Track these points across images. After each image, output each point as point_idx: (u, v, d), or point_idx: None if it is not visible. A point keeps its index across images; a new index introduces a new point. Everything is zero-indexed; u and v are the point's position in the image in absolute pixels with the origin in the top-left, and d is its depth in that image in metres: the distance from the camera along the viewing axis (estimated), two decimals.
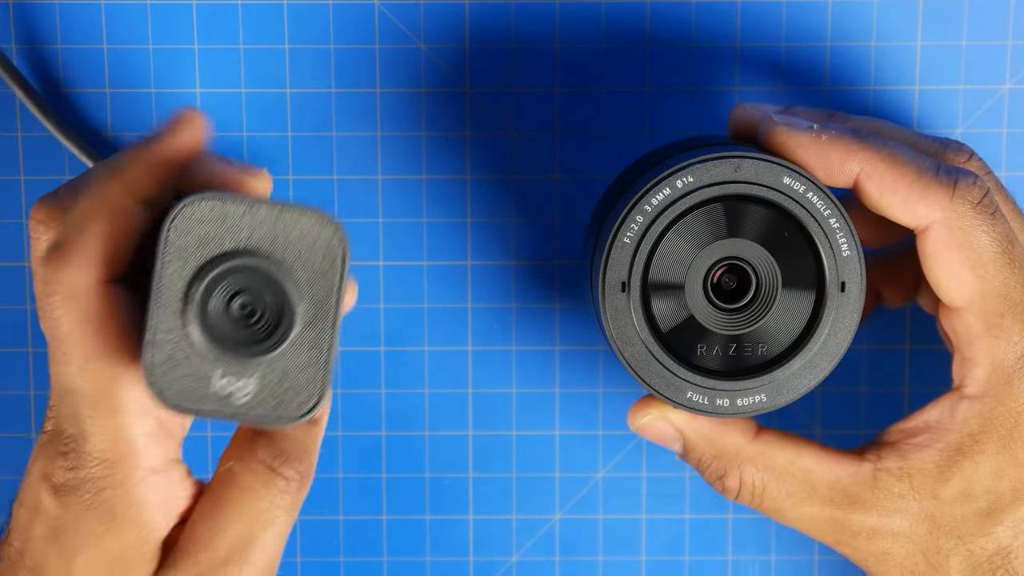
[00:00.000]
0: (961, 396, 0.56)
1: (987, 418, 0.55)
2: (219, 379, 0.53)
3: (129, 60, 0.64)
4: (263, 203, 0.51)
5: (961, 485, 0.55)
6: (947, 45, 0.64)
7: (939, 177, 0.54)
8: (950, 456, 0.55)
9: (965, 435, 0.55)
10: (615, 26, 0.64)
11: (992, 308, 0.54)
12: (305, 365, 0.52)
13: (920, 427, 0.56)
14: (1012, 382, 0.55)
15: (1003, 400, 0.55)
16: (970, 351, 0.55)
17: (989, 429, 0.55)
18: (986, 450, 0.55)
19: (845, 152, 0.55)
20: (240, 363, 0.52)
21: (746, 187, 0.54)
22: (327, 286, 0.52)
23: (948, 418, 0.56)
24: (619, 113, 0.65)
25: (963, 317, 0.55)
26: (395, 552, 0.68)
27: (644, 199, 0.54)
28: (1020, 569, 0.56)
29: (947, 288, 0.55)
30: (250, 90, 0.65)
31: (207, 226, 0.51)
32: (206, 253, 0.51)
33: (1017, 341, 0.55)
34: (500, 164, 0.65)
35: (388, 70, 0.65)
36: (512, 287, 0.66)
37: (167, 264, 0.51)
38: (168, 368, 0.52)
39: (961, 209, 0.54)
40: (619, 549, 0.68)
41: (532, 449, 0.67)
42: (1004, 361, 0.55)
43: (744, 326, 0.55)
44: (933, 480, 0.56)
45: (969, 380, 0.55)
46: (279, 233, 0.52)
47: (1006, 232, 0.55)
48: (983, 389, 0.55)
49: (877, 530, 0.56)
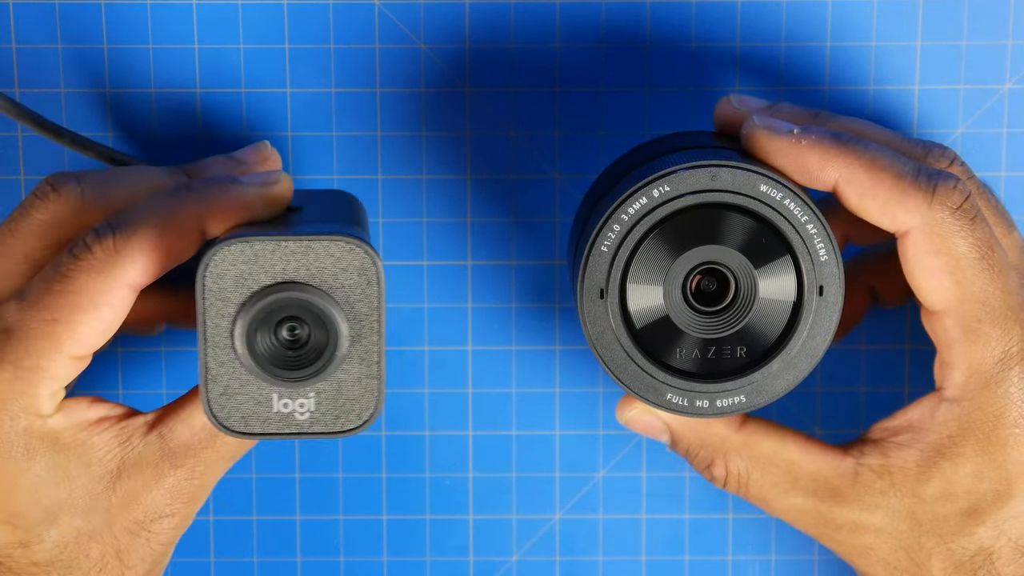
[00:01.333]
0: (941, 398, 0.56)
1: (965, 421, 0.55)
2: (278, 401, 0.55)
3: (129, 60, 0.64)
4: (291, 238, 0.53)
5: (942, 485, 0.56)
6: (947, 45, 0.64)
7: (918, 182, 0.54)
8: (930, 456, 0.56)
9: (944, 437, 0.56)
10: (615, 26, 0.64)
11: (970, 313, 0.55)
12: (358, 378, 0.55)
13: (903, 426, 0.57)
14: (990, 386, 0.55)
15: (981, 404, 0.55)
16: (949, 355, 0.56)
17: (967, 432, 0.55)
18: (965, 452, 0.55)
19: (824, 157, 0.55)
20: (295, 386, 0.54)
21: (723, 195, 0.55)
22: (368, 303, 0.54)
23: (929, 419, 0.56)
24: (619, 113, 0.65)
25: (942, 321, 0.55)
26: (395, 552, 0.68)
27: (621, 208, 0.55)
28: (1003, 570, 0.56)
29: (926, 292, 0.55)
30: (250, 90, 0.65)
31: (241, 266, 0.53)
32: (244, 291, 0.53)
33: (995, 346, 0.55)
34: (500, 164, 0.65)
35: (388, 70, 0.65)
36: (512, 287, 0.66)
37: (208, 308, 0.53)
38: (227, 399, 0.54)
39: (940, 215, 0.54)
40: (619, 549, 0.68)
41: (532, 449, 0.67)
42: (982, 365, 0.55)
43: (722, 329, 0.56)
44: (914, 479, 0.56)
45: (948, 383, 0.56)
46: (312, 262, 0.54)
47: (986, 237, 0.55)
48: (961, 393, 0.55)
49: (859, 524, 0.57)
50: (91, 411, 0.56)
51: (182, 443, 0.57)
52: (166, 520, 0.57)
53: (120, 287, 0.55)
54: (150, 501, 0.56)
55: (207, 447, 0.57)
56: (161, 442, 0.57)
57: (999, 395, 0.55)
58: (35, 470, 0.55)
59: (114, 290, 0.54)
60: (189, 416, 0.57)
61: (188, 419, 0.57)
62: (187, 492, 0.57)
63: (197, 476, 0.57)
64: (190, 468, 0.57)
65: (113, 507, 0.56)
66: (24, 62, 0.64)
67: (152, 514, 0.57)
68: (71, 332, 0.54)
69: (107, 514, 0.56)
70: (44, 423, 0.55)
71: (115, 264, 0.54)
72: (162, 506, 0.57)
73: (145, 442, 0.56)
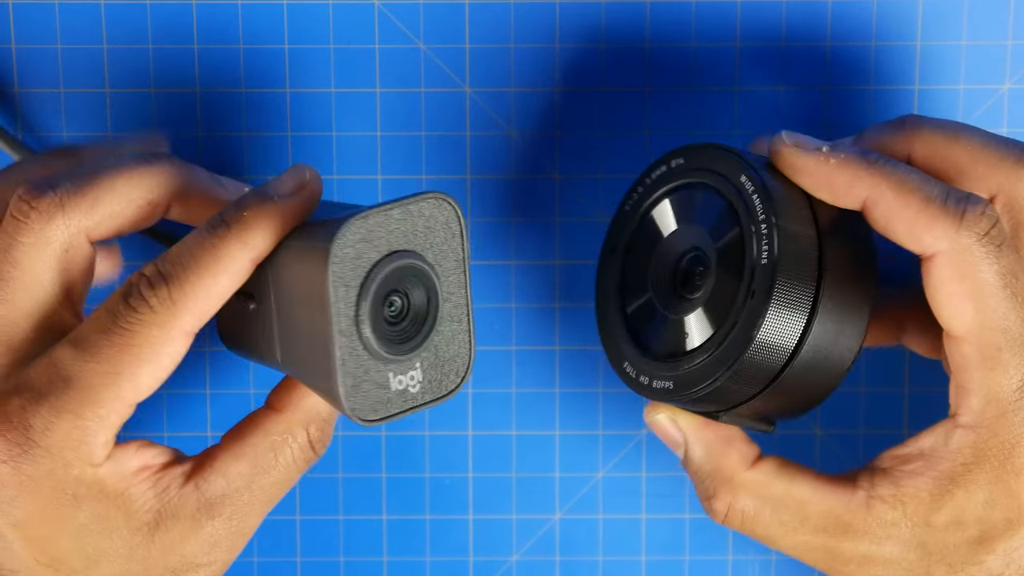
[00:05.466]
0: (956, 424, 0.56)
1: (981, 448, 0.55)
2: (393, 380, 0.55)
3: (129, 60, 0.64)
4: (393, 205, 0.54)
5: (953, 513, 0.55)
6: (947, 45, 0.64)
7: (947, 206, 0.54)
8: (943, 484, 0.55)
9: (958, 464, 0.55)
10: (615, 26, 0.64)
11: (990, 341, 0.54)
12: (452, 337, 0.55)
13: (914, 454, 0.56)
14: (1007, 414, 0.55)
15: (996, 432, 0.55)
16: (966, 380, 0.55)
17: (982, 459, 0.55)
18: (979, 480, 0.55)
19: (852, 177, 0.55)
20: (406, 359, 0.55)
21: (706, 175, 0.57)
22: (453, 258, 0.55)
23: (943, 446, 0.56)
24: (619, 113, 0.65)
25: (961, 346, 0.55)
26: (395, 552, 0.68)
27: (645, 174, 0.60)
28: None
29: (947, 317, 0.55)
30: (250, 90, 0.65)
31: (356, 247, 0.53)
32: (360, 272, 0.53)
33: (1013, 375, 0.54)
34: (500, 164, 0.65)
35: (388, 70, 0.65)
36: (512, 287, 0.66)
37: (337, 299, 0.53)
38: (356, 390, 0.54)
39: (966, 241, 0.54)
40: (619, 549, 0.68)
41: (532, 449, 0.67)
42: (1000, 393, 0.55)
43: (680, 312, 0.57)
44: (926, 507, 0.56)
45: (964, 409, 0.55)
46: (408, 227, 0.54)
47: (1011, 264, 0.54)
48: (978, 420, 0.55)
49: (868, 557, 0.56)
50: (135, 458, 0.56)
51: (218, 493, 0.57)
52: (203, 569, 0.57)
53: (180, 336, 0.54)
54: (188, 551, 0.56)
55: (243, 495, 0.57)
56: (197, 493, 0.56)
57: (1016, 423, 0.54)
58: (81, 518, 0.55)
59: (175, 340, 0.54)
60: (224, 465, 0.57)
61: (223, 468, 0.57)
62: (226, 541, 0.57)
63: (235, 524, 0.57)
64: (227, 517, 0.57)
65: (151, 557, 0.56)
66: (24, 62, 0.64)
67: (190, 563, 0.56)
68: (133, 383, 0.54)
69: (145, 563, 0.56)
70: (95, 472, 0.55)
71: (174, 316, 0.54)
72: (200, 556, 0.56)
73: (181, 494, 0.56)
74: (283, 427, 0.58)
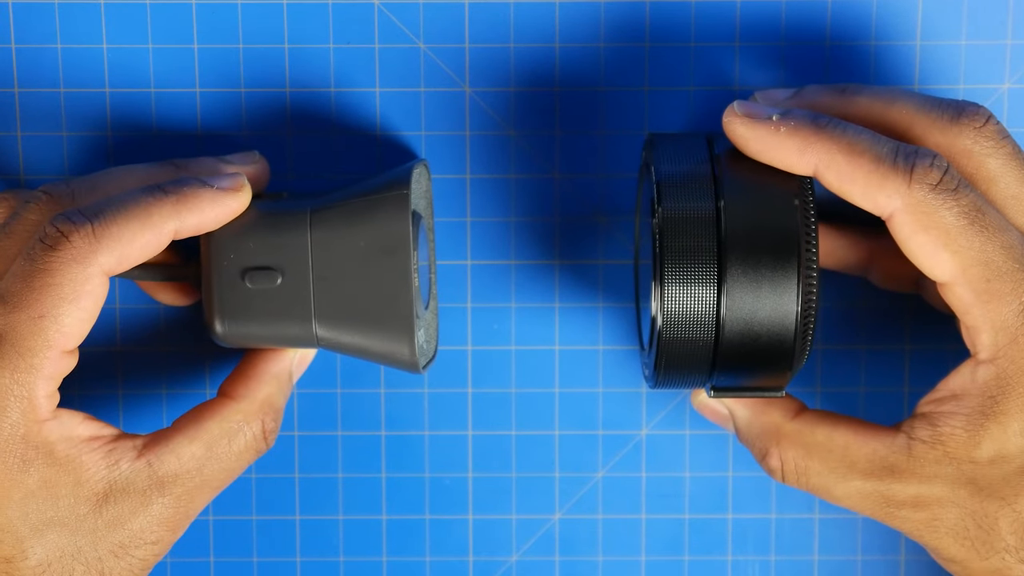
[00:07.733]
0: (977, 361, 0.56)
1: (1003, 378, 0.56)
2: (421, 337, 0.59)
3: (129, 60, 0.64)
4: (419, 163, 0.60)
5: (994, 447, 0.56)
6: (947, 45, 0.64)
7: (896, 164, 0.55)
8: (976, 420, 0.56)
9: (986, 398, 0.56)
10: (615, 26, 0.64)
11: (976, 276, 0.55)
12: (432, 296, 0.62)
13: (946, 396, 0.57)
14: (1018, 339, 0.55)
15: (1014, 359, 0.55)
16: (970, 319, 0.56)
17: (1007, 389, 0.56)
18: (1009, 410, 0.56)
19: (802, 144, 0.55)
20: (424, 314, 0.59)
21: None
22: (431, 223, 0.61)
23: (970, 383, 0.57)
24: (619, 113, 0.65)
25: (953, 290, 0.56)
26: (395, 552, 0.68)
27: None
28: None
29: (929, 268, 0.56)
30: (250, 90, 0.65)
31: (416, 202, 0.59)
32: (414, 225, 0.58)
33: (1011, 301, 0.55)
34: (500, 164, 0.65)
35: (388, 70, 0.65)
36: (512, 287, 0.66)
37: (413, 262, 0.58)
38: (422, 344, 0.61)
39: (920, 193, 0.55)
40: (619, 549, 0.68)
41: (532, 449, 0.67)
42: (1005, 321, 0.55)
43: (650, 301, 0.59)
44: (966, 445, 0.56)
45: (979, 346, 0.56)
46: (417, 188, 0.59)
47: (972, 202, 0.55)
48: (993, 352, 0.56)
49: (921, 498, 0.57)
50: (83, 427, 0.56)
51: (170, 472, 0.57)
52: (149, 547, 0.57)
53: (99, 274, 0.55)
54: (136, 527, 0.57)
55: (194, 477, 0.58)
56: (150, 470, 0.57)
57: None
58: (28, 484, 0.55)
59: (94, 277, 0.55)
60: (177, 446, 0.57)
61: (176, 448, 0.57)
62: (172, 520, 0.57)
63: (182, 505, 0.57)
64: (176, 497, 0.57)
65: (99, 529, 0.56)
66: (24, 62, 0.64)
67: (137, 539, 0.57)
68: (58, 326, 0.54)
69: (93, 535, 0.56)
70: (40, 429, 0.55)
71: (95, 252, 0.55)
72: (147, 533, 0.57)
73: (133, 468, 0.57)
74: (239, 415, 0.59)
